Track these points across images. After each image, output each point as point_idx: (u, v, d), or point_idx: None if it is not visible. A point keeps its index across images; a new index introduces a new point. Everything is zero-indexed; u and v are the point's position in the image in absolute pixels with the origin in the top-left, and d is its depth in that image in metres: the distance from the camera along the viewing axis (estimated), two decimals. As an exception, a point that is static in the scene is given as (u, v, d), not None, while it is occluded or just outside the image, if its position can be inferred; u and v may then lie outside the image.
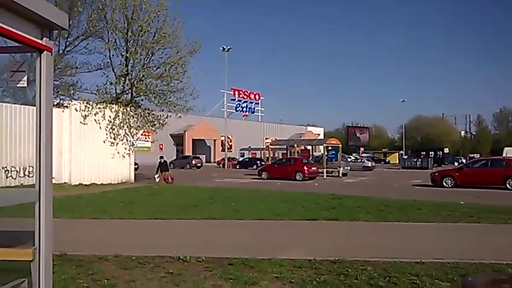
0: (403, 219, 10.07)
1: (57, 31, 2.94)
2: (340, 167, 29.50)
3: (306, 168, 26.12)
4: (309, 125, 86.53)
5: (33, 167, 17.96)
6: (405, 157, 54.51)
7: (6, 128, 17.42)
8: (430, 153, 55.14)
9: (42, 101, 2.65)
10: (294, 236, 8.39)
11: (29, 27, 2.54)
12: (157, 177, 22.74)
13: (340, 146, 31.31)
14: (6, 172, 17.38)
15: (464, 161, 53.87)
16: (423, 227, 9.26)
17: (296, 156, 32.94)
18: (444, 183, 20.49)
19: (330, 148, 31.01)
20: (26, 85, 2.92)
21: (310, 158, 33.07)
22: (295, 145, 36.17)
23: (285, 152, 41.42)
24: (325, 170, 28.07)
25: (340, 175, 28.92)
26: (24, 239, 2.73)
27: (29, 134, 17.84)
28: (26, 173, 17.93)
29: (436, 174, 21.74)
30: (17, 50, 3.26)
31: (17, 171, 17.85)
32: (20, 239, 2.90)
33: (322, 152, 31.84)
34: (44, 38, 2.69)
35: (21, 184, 17.21)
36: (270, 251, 6.63)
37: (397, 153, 66.49)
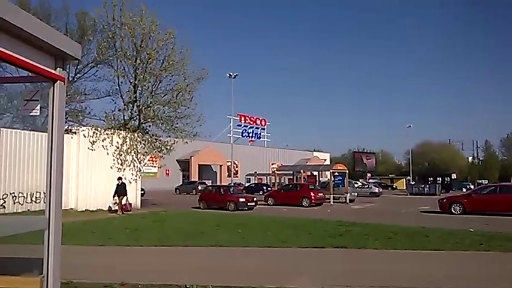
0: (411, 247, 9.93)
1: (69, 61, 3.03)
2: (347, 193, 29.24)
3: (312, 194, 25.94)
4: (315, 151, 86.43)
5: (40, 192, 18.11)
6: (412, 183, 54.04)
7: (14, 154, 17.58)
8: (438, 179, 54.63)
9: (54, 129, 2.70)
10: (301, 264, 8.28)
11: (43, 58, 2.62)
12: (114, 203, 19.77)
13: (347, 171, 31.13)
14: (14, 198, 17.44)
15: (472, 187, 53.31)
16: (432, 255, 9.10)
17: (302, 181, 32.78)
18: (452, 210, 20.21)
19: (336, 174, 30.84)
20: (38, 114, 2.98)
21: (317, 183, 32.88)
22: (302, 170, 36.07)
23: (291, 177, 41.26)
24: (331, 196, 27.85)
25: (347, 201, 28.65)
26: (32, 267, 2.73)
27: (36, 160, 17.99)
28: (33, 198, 17.98)
29: (444, 200, 21.48)
30: (31, 79, 3.35)
31: (24, 197, 17.91)
32: (28, 266, 2.91)
33: (328, 177, 31.67)
34: (58, 68, 2.77)
35: (28, 210, 17.23)
36: (277, 279, 6.54)
37: (404, 179, 65.97)
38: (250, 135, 69.00)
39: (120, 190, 19.50)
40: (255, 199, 24.10)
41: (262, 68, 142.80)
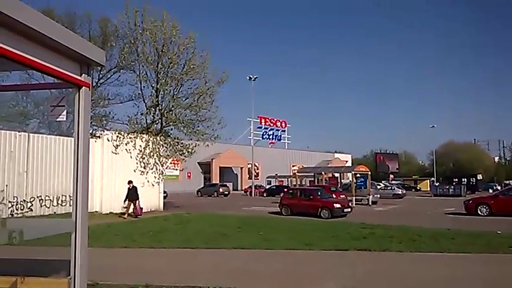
0: (437, 249, 9.73)
1: (94, 67, 3.10)
2: (369, 195, 28.90)
3: (334, 196, 25.70)
4: (336, 152, 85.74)
5: (66, 196, 18.54)
6: (437, 184, 52.96)
7: (41, 158, 18.07)
8: (463, 180, 53.42)
9: (80, 134, 2.77)
10: (325, 267, 8.21)
11: (69, 65, 2.69)
12: (125, 208, 18.94)
13: (369, 173, 30.75)
14: (41, 201, 17.91)
15: (499, 187, 51.86)
16: (459, 257, 8.91)
17: (324, 183, 32.52)
18: (479, 212, 19.72)
19: (358, 175, 30.49)
20: (64, 119, 3.05)
21: (339, 185, 32.57)
22: (323, 172, 35.76)
23: (312, 179, 40.99)
24: (354, 198, 27.55)
25: (370, 203, 28.30)
26: (60, 268, 2.79)
27: (62, 163, 18.43)
28: (60, 202, 18.42)
29: (470, 202, 20.98)
30: (57, 86, 3.43)
31: (50, 200, 18.37)
32: (55, 268, 2.97)
33: (350, 179, 31.35)
34: (83, 74, 2.84)
35: (55, 213, 17.64)
36: (301, 282, 6.50)
37: (428, 180, 64.69)
38: (271, 137, 68.98)
39: (132, 194, 18.79)
40: (350, 204, 21.55)
41: (282, 70, 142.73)
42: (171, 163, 29.76)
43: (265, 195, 45.51)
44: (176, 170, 50.37)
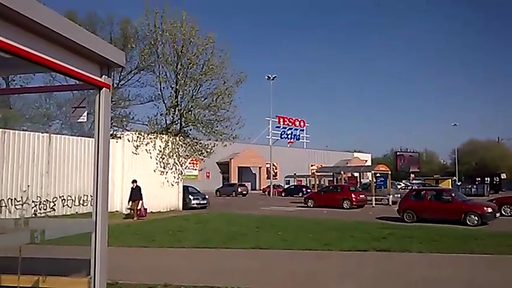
0: (459, 250, 9.54)
1: (114, 68, 3.13)
2: (389, 195, 28.53)
3: (353, 195, 25.48)
4: (355, 151, 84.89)
5: (87, 196, 18.88)
6: (459, 183, 51.93)
7: (63, 158, 18.44)
8: (486, 179, 52.21)
9: (100, 135, 2.80)
10: (344, 268, 8.14)
11: (90, 66, 2.72)
12: (129, 209, 18.43)
13: (389, 172, 30.36)
14: (63, 201, 18.28)
15: (524, 187, 50.54)
16: (482, 259, 8.70)
17: (343, 183, 32.26)
18: (503, 212, 19.25)
19: (378, 175, 30.13)
20: (85, 120, 3.09)
21: (358, 185, 32.26)
22: (342, 172, 35.47)
23: (332, 179, 40.73)
24: (373, 197, 27.24)
25: (390, 203, 27.90)
26: (80, 268, 2.83)
27: (84, 164, 18.78)
28: (81, 201, 18.76)
29: (494, 201, 20.48)
30: (78, 87, 3.48)
31: (72, 200, 18.73)
32: (76, 267, 3.02)
33: (370, 179, 31.02)
34: (103, 76, 2.87)
35: (76, 212, 17.98)
36: (320, 283, 6.46)
37: (449, 180, 63.29)
38: (289, 136, 68.75)
39: (135, 194, 18.07)
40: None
41: (300, 69, 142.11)
42: (190, 163, 30.02)
43: (283, 194, 45.42)
44: (195, 169, 50.71)
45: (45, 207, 17.30)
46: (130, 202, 18.15)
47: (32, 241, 2.25)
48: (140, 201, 18.07)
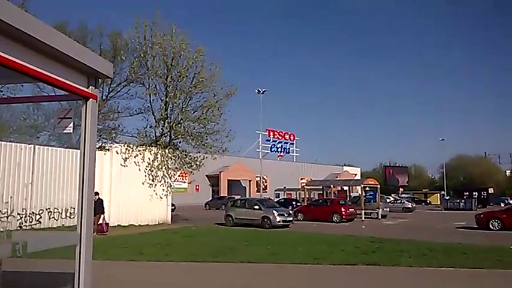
0: (448, 264, 9.54)
1: (102, 79, 3.12)
2: (379, 208, 28.62)
3: (343, 209, 25.48)
4: (345, 165, 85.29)
5: (74, 208, 18.54)
6: (447, 198, 52.32)
7: (50, 170, 18.17)
8: (474, 193, 52.67)
9: (86, 146, 2.77)
10: (335, 282, 8.09)
11: (77, 77, 2.70)
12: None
13: (379, 186, 30.51)
14: (49, 213, 17.96)
15: (511, 201, 51.03)
16: (471, 273, 8.72)
17: (333, 197, 32.31)
18: (491, 226, 19.39)
19: (367, 189, 30.25)
20: (71, 131, 3.05)
21: (348, 199, 32.34)
22: (332, 185, 35.57)
23: (321, 192, 40.76)
24: (363, 211, 27.29)
25: (379, 217, 28.00)
26: (63, 281, 2.77)
27: (71, 176, 18.53)
28: (68, 214, 18.45)
29: (482, 216, 20.65)
30: (65, 98, 3.46)
31: (59, 212, 18.42)
32: (60, 280, 2.96)
33: (359, 192, 31.11)
34: (90, 87, 2.85)
35: (63, 225, 17.68)
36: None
37: (438, 194, 63.86)
38: (279, 150, 68.93)
39: (97, 208, 15.99)
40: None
41: (290, 83, 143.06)
42: (179, 176, 29.83)
43: (273, 208, 45.25)
44: (184, 182, 50.32)
45: (30, 220, 16.98)
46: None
47: (14, 254, 2.20)
48: (102, 215, 16.71)
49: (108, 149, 21.53)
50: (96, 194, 16.41)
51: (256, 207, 21.77)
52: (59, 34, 2.40)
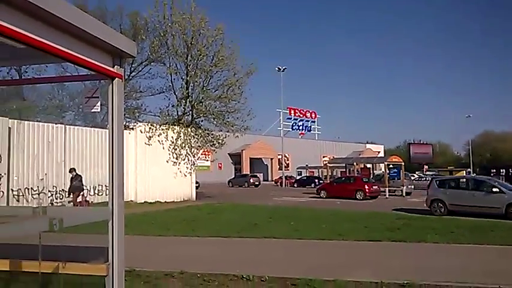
0: (476, 241, 9.43)
1: (126, 59, 3.14)
2: (403, 186, 28.35)
3: (366, 186, 25.36)
4: (368, 143, 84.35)
5: (101, 185, 19.15)
6: (473, 175, 51.31)
7: (77, 149, 18.67)
8: (501, 170, 51.40)
9: (114, 125, 2.81)
10: (358, 257, 8.13)
11: (102, 57, 2.73)
12: (70, 202, 15.74)
13: (403, 163, 30.14)
14: (79, 191, 18.52)
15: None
16: (499, 250, 8.60)
17: (356, 174, 32.13)
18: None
19: (391, 166, 29.95)
20: (99, 110, 3.11)
21: (371, 176, 32.11)
22: (355, 163, 35.29)
23: (344, 170, 40.58)
24: (387, 188, 27.09)
25: (404, 194, 27.75)
26: (98, 255, 2.88)
27: (98, 154, 19.01)
28: (96, 191, 19.02)
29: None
30: (91, 77, 3.51)
31: (87, 189, 18.97)
32: (95, 254, 3.07)
33: (383, 170, 30.83)
34: (116, 66, 2.87)
35: (92, 202, 18.23)
36: (333, 272, 6.46)
37: (464, 171, 62.72)
38: (301, 128, 68.60)
39: (76, 185, 15.50)
40: None
41: (311, 60, 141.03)
42: (202, 154, 30.14)
43: (295, 185, 45.48)
44: (207, 160, 50.82)
45: (61, 197, 17.57)
46: (71, 194, 15.65)
47: (51, 229, 2.28)
48: (81, 193, 15.78)
49: (132, 128, 21.91)
50: (73, 170, 15.92)
51: (495, 189, 14.96)
52: (84, 14, 2.41)
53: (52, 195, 16.95)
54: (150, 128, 21.54)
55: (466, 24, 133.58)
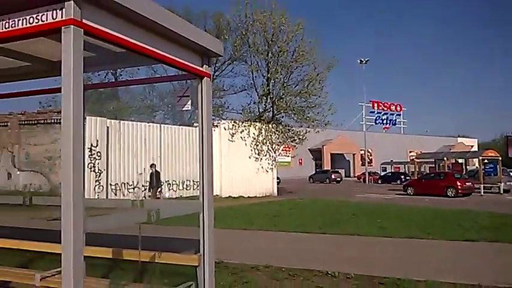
0: None
1: (213, 58, 3.25)
2: (500, 182, 26.07)
3: (459, 183, 23.71)
4: (459, 136, 78.67)
5: (190, 180, 20.21)
6: None
7: (168, 146, 19.91)
8: None
9: (203, 123, 2.93)
10: (450, 258, 7.63)
11: (192, 57, 2.85)
12: (149, 197, 15.82)
13: (500, 158, 27.68)
14: (169, 185, 19.76)
15: None
16: None
17: (446, 170, 30.16)
18: None
19: (486, 161, 27.67)
20: (189, 109, 3.26)
21: (463, 172, 29.94)
22: (445, 158, 33.13)
23: (433, 165, 38.27)
24: (482, 185, 25.07)
25: (501, 191, 25.50)
26: (190, 246, 3.04)
27: (186, 151, 20.08)
28: (185, 186, 20.15)
29: None
30: (180, 77, 3.69)
31: (177, 184, 20.17)
32: (185, 245, 3.25)
33: (477, 165, 28.58)
34: (204, 65, 2.99)
35: (181, 196, 19.33)
36: (424, 272, 6.14)
37: None
38: (385, 121, 65.94)
39: (156, 181, 15.73)
40: None
41: (394, 51, 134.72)
42: (283, 150, 30.41)
43: (380, 182, 43.88)
44: (288, 156, 51.14)
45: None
46: (151, 190, 15.85)
47: (149, 220, 2.45)
48: (159, 188, 16.06)
49: (217, 125, 22.74)
50: (153, 165, 16.29)
51: None
52: (173, 16, 2.53)
53: (145, 189, 18.26)
54: (233, 125, 22.21)
55: None
